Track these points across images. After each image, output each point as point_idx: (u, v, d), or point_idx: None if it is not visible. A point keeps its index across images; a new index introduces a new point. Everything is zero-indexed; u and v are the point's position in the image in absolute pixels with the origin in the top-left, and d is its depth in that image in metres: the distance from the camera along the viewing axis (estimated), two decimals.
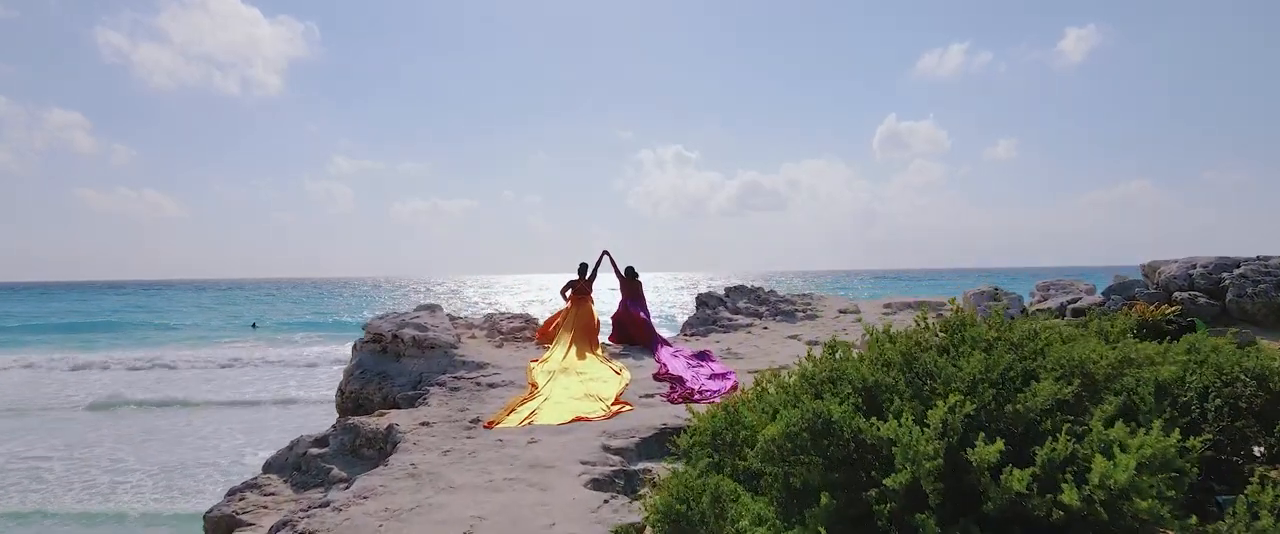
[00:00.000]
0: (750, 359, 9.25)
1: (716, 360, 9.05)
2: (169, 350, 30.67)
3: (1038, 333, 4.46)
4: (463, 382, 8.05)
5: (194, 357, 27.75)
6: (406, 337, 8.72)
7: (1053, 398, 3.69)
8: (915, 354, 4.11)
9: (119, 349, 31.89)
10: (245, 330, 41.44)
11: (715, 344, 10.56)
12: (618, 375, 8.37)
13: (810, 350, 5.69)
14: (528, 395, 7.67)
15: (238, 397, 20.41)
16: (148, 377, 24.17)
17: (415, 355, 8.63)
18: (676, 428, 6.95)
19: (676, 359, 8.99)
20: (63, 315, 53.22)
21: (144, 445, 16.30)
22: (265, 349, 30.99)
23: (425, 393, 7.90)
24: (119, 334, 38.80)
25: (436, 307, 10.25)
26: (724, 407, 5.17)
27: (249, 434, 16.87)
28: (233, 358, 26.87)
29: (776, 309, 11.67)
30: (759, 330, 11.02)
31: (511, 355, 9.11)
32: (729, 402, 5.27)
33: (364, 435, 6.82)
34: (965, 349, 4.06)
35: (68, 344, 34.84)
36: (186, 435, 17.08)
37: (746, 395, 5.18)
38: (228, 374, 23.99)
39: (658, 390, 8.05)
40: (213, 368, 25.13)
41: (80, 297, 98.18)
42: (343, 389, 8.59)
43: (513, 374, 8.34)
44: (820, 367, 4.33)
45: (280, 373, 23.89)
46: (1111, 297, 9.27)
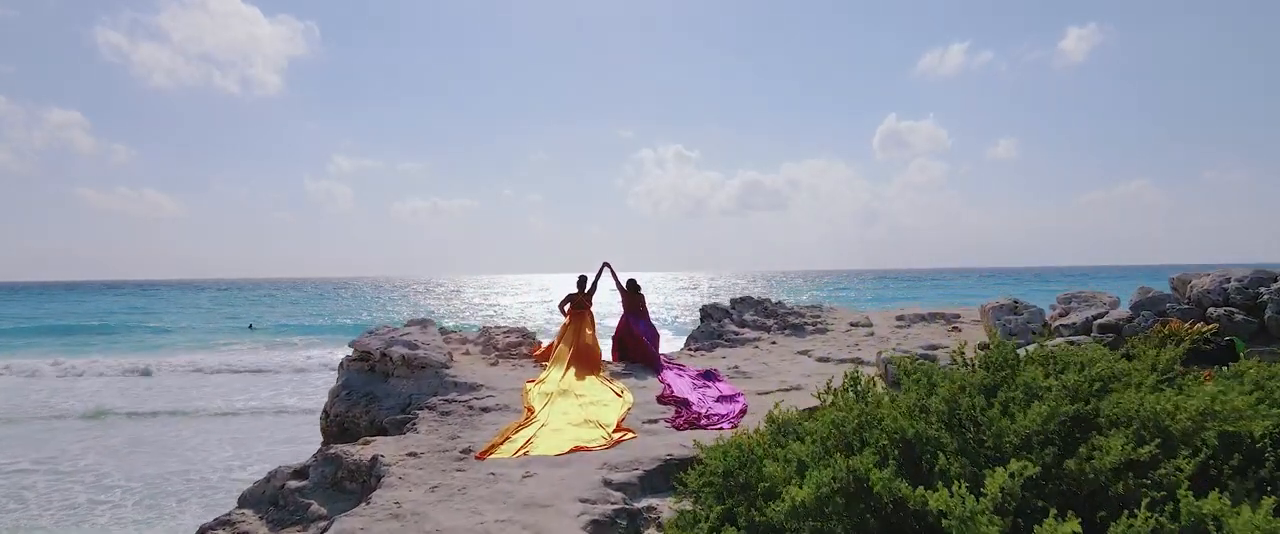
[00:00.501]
0: (759, 378, 8.76)
1: (723, 380, 8.57)
2: (162, 355, 30.18)
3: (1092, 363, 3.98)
4: (454, 405, 7.56)
5: (187, 362, 27.27)
6: (395, 355, 8.23)
7: (1124, 457, 3.20)
8: (958, 398, 3.63)
9: (111, 354, 31.41)
10: (242, 333, 40.96)
11: (721, 360, 10.07)
12: (619, 398, 7.88)
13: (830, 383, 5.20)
14: (523, 421, 7.18)
15: (228, 406, 19.91)
16: (139, 384, 23.68)
17: (404, 376, 8.14)
18: (684, 459, 6.45)
19: (681, 379, 8.51)
20: (57, 317, 52.74)
21: (129, 458, 15.79)
22: (260, 353, 30.50)
23: (414, 417, 7.42)
24: (112, 338, 38.32)
25: (428, 321, 9.75)
26: (737, 445, 4.66)
27: (237, 446, 16.37)
28: (226, 363, 26.39)
29: (785, 322, 11.18)
30: (767, 345, 10.53)
31: (506, 375, 8.62)
32: (742, 439, 4.77)
33: (346, 467, 6.33)
34: (1016, 396, 3.58)
35: (60, 348, 34.37)
36: (174, 447, 16.58)
37: (761, 436, 4.67)
38: (220, 381, 23.51)
39: (662, 415, 7.56)
40: (206, 374, 24.64)
41: (78, 297, 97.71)
42: (328, 411, 8.10)
43: (508, 396, 7.86)
44: (849, 412, 3.84)
45: (274, 380, 23.40)
46: (1141, 313, 8.79)
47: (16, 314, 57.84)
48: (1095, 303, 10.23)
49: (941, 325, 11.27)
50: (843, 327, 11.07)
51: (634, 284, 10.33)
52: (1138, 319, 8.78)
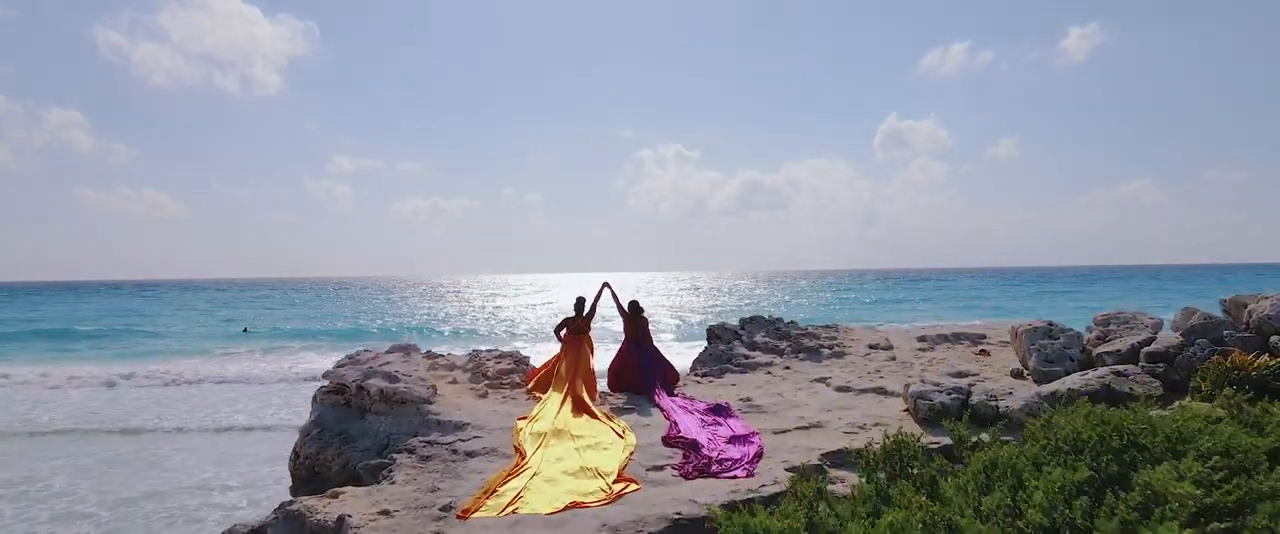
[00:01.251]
0: (775, 413, 7.95)
1: (736, 416, 7.75)
2: (152, 363, 29.43)
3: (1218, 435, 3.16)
4: (436, 448, 6.76)
5: (175, 371, 26.50)
6: (373, 389, 7.44)
7: None
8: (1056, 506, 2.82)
9: (100, 361, 30.64)
10: (235, 338, 40.15)
11: (731, 389, 9.26)
12: (620, 439, 7.07)
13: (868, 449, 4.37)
14: (513, 470, 6.37)
15: (213, 420, 19.12)
16: (124, 395, 22.89)
17: (383, 412, 7.35)
18: (693, 519, 5.66)
19: (689, 415, 7.69)
20: (51, 320, 51.96)
21: (104, 478, 15.00)
22: (252, 361, 29.73)
23: (391, 462, 6.62)
24: (104, 343, 37.53)
25: (412, 347, 8.95)
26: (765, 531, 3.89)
27: (220, 465, 15.58)
28: (215, 373, 25.61)
29: (799, 345, 10.37)
30: (780, 371, 9.72)
31: (496, 410, 7.82)
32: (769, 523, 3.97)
33: (309, 528, 5.54)
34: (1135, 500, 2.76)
35: (49, 354, 33.66)
36: (153, 466, 15.79)
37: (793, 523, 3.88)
38: (207, 392, 22.71)
39: (668, 459, 6.76)
40: (193, 385, 23.86)
41: (76, 298, 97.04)
42: (298, 451, 7.31)
43: (496, 437, 7.06)
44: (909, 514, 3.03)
45: (262, 392, 22.59)
46: (1196, 340, 7.98)
47: (10, 318, 57.10)
48: (1137, 325, 9.41)
49: (967, 347, 10.46)
50: (861, 349, 10.25)
51: (636, 307, 9.52)
52: (1192, 349, 7.96)
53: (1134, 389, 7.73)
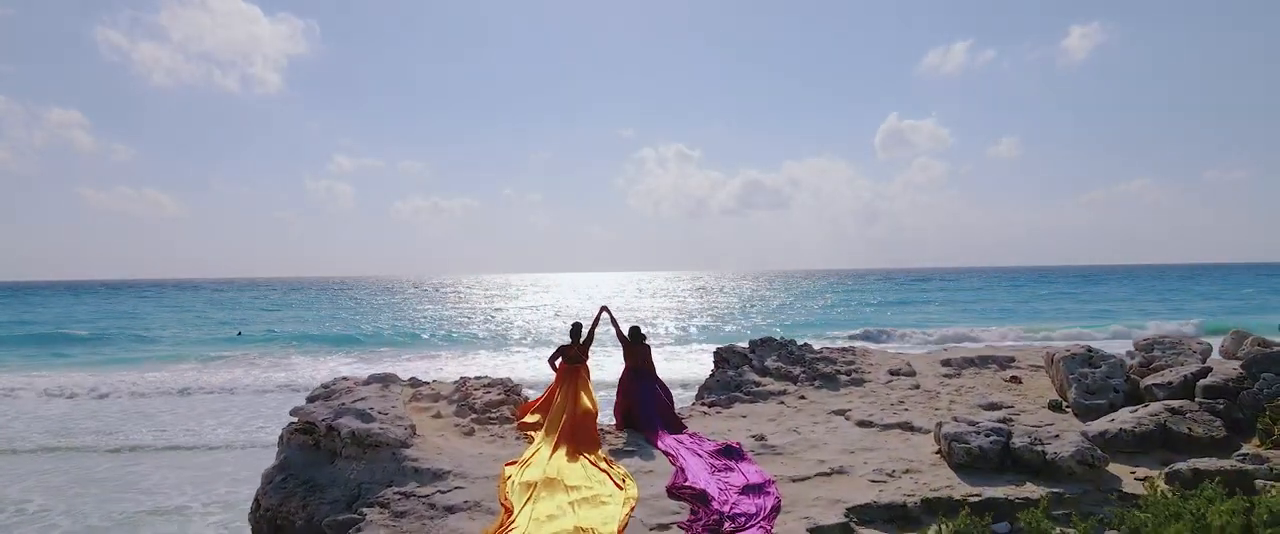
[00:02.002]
0: (791, 455, 7.15)
1: (748, 459, 6.96)
2: (142, 370, 28.68)
3: None
4: (412, 502, 5.98)
5: (165, 379, 25.77)
6: (345, 430, 6.65)
7: None
8: None
9: (89, 367, 29.90)
10: (229, 342, 39.37)
11: (741, 421, 8.46)
12: (620, 490, 6.27)
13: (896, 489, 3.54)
14: (497, 530, 5.59)
15: (197, 435, 18.34)
16: (111, 406, 22.05)
17: (355, 457, 6.56)
18: None
19: (697, 458, 6.89)
20: (43, 324, 51.22)
21: (78, 499, 14.24)
22: (243, 368, 28.94)
23: (361, 519, 5.83)
24: (94, 348, 36.79)
25: (391, 378, 8.16)
26: None
27: (197, 486, 14.79)
28: (203, 382, 24.83)
29: (814, 370, 9.55)
30: (795, 401, 8.92)
31: (482, 453, 7.01)
32: None
33: None
34: None
35: (38, 360, 32.90)
36: (130, 486, 15.01)
37: None
38: (194, 403, 21.87)
39: (674, 515, 5.96)
40: (182, 395, 23.05)
41: (72, 300, 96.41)
42: (259, 501, 6.53)
43: (481, 487, 6.27)
44: None
45: (252, 403, 21.77)
46: (1260, 374, 7.20)
47: (3, 320, 56.40)
48: (1184, 352, 8.62)
49: (995, 372, 9.66)
50: (881, 376, 9.46)
51: (638, 333, 8.70)
52: (1259, 384, 7.16)
53: (1193, 430, 6.95)
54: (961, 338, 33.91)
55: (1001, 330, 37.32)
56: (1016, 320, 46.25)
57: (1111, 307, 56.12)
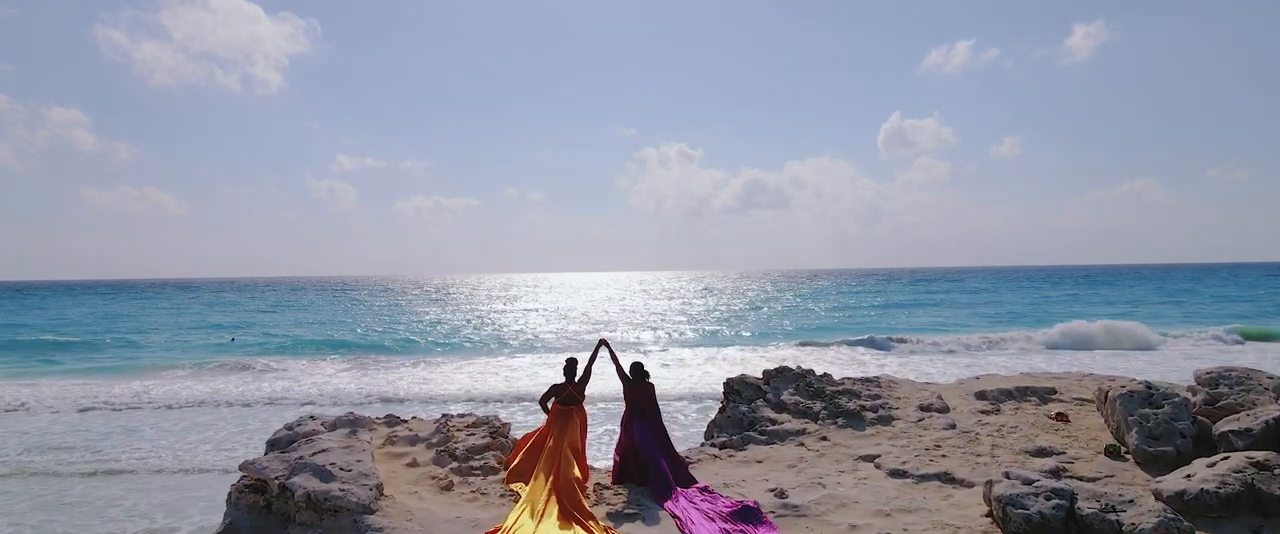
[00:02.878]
0: (818, 517, 6.17)
1: (768, 524, 5.99)
2: (129, 381, 27.81)
3: None
4: None
5: (151, 391, 24.85)
6: (299, 491, 5.70)
7: None
8: None
9: (73, 376, 29.03)
10: (222, 348, 38.48)
11: (756, 467, 7.50)
12: None
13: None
14: None
15: (175, 454, 17.40)
16: (93, 421, 21.04)
17: (310, 523, 5.61)
18: None
19: (710, 523, 5.93)
20: (34, 329, 50.30)
21: (44, 527, 13.41)
22: (233, 378, 28.03)
23: None
24: (83, 355, 35.88)
25: (361, 422, 7.20)
26: None
27: (169, 513, 13.91)
28: (192, 394, 23.90)
29: (836, 406, 8.58)
30: (816, 443, 7.95)
31: (459, 517, 6.03)
32: None
33: None
34: None
35: (22, 368, 32.01)
36: (98, 513, 14.11)
37: None
38: (177, 418, 20.91)
39: None
40: (167, 409, 22.09)
41: (70, 301, 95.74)
42: None
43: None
44: None
45: (239, 416, 20.81)
46: None
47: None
48: (1255, 388, 7.65)
49: (1036, 407, 8.68)
50: (911, 412, 8.47)
51: (640, 370, 7.73)
52: None
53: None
54: (979, 346, 32.74)
55: (1019, 334, 35.63)
56: (1027, 323, 45.10)
57: (1125, 309, 54.97)
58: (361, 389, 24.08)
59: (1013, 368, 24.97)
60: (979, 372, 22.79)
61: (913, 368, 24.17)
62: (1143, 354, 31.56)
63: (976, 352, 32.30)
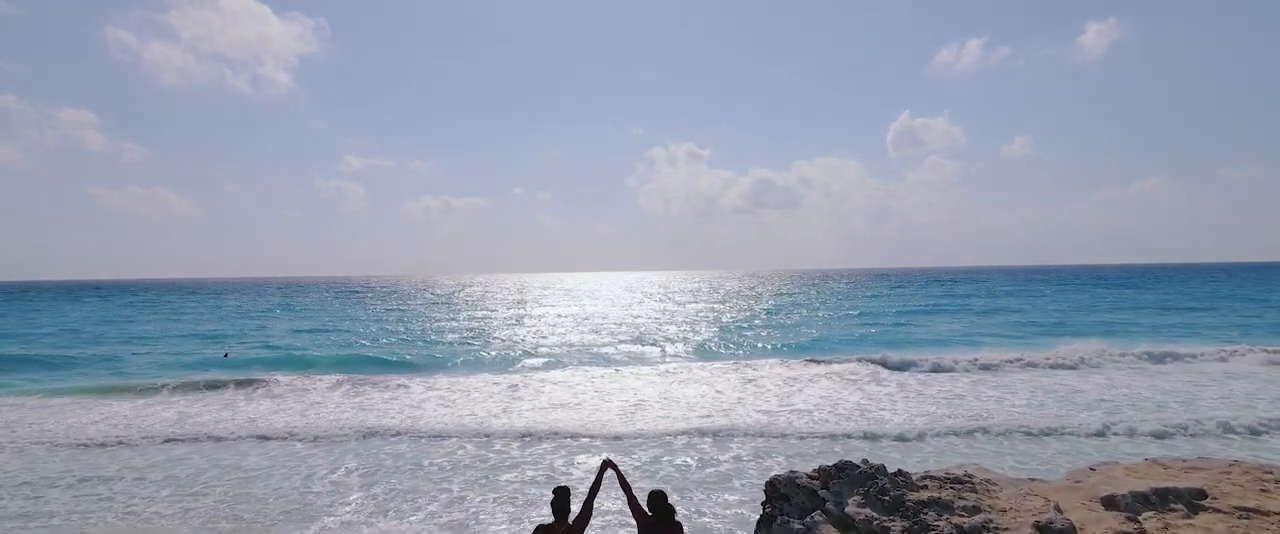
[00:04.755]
0: None
1: None
2: (105, 406, 25.91)
3: None
4: None
5: (122, 421, 22.97)
6: None
7: None
8: None
9: (48, 398, 27.14)
10: (214, 364, 36.63)
11: None
12: None
13: None
14: None
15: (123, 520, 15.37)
16: (50, 462, 18.77)
17: None
18: None
19: None
20: (18, 340, 48.55)
21: None
22: (220, 405, 26.03)
23: None
24: (67, 373, 34.01)
25: None
26: None
27: None
28: (170, 426, 21.94)
29: (921, 524, 6.51)
30: None
31: None
32: None
33: None
34: None
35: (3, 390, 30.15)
36: None
37: None
38: (146, 460, 18.77)
39: None
40: (132, 447, 19.94)
41: (70, 303, 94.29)
42: None
43: None
44: None
45: (216, 454, 18.71)
46: None
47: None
48: None
49: (1184, 519, 6.61)
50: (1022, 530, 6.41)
51: (662, 503, 5.61)
52: None
53: None
54: (1040, 366, 29.97)
55: (1069, 350, 32.23)
56: (1068, 331, 42.69)
57: (1169, 318, 51.91)
58: (356, 419, 22.04)
59: (1087, 398, 22.73)
60: (1056, 412, 20.35)
61: (969, 409, 21.88)
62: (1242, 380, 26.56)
63: (1035, 373, 29.35)
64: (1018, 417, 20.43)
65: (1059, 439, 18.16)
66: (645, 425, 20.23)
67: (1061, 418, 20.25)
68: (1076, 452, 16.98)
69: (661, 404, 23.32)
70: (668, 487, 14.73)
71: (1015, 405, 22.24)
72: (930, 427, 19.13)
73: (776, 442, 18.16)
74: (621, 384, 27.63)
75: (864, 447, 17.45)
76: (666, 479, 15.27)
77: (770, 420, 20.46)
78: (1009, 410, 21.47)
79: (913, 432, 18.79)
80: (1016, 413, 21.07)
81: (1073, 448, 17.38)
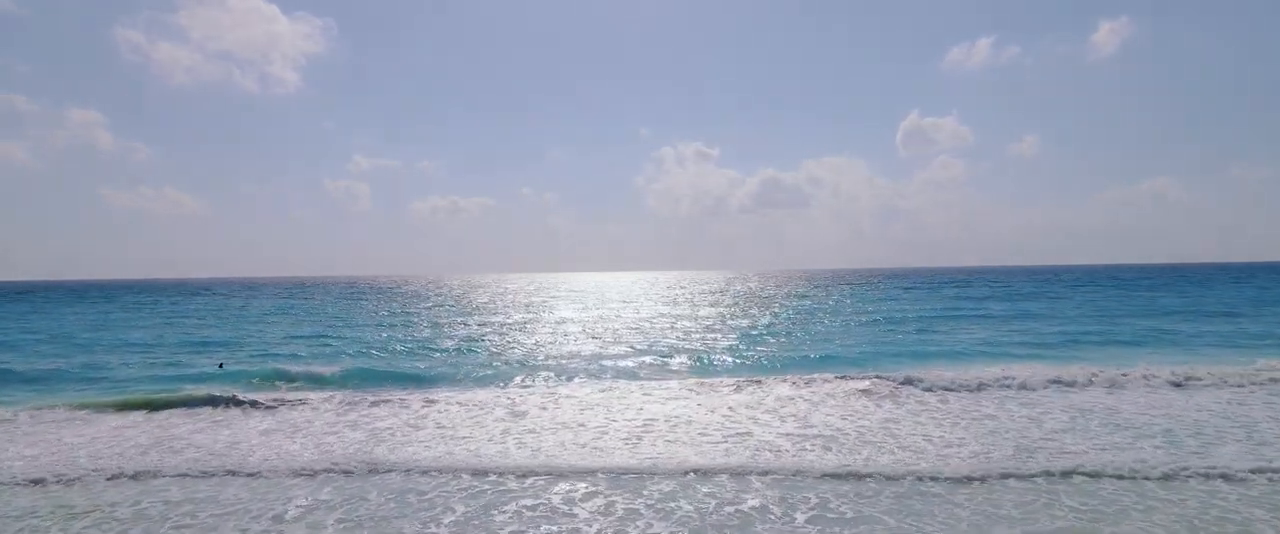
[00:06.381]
0: None
1: None
2: (74, 430, 24.43)
3: None
4: None
5: (91, 448, 21.45)
6: None
7: None
8: None
9: (19, 421, 25.65)
10: (205, 376, 35.12)
11: None
12: None
13: None
14: None
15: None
16: (18, 494, 17.42)
17: None
18: None
19: None
20: (6, 350, 47.25)
21: None
22: (208, 429, 24.53)
23: None
24: (37, 388, 32.48)
25: None
26: None
27: None
28: (143, 458, 20.39)
29: None
30: None
31: None
32: None
33: None
34: None
35: None
36: None
37: None
38: (105, 499, 17.26)
39: None
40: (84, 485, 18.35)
41: (68, 308, 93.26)
42: None
43: None
44: None
45: (177, 501, 17.09)
46: None
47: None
48: None
49: None
50: None
51: None
52: None
53: None
54: (1071, 382, 27.32)
55: (1145, 371, 28.77)
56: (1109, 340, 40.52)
57: (1217, 324, 49.51)
58: (348, 442, 20.39)
59: (1188, 425, 19.09)
60: (1164, 450, 16.40)
61: (1026, 438, 19.39)
62: None
63: (1090, 393, 26.81)
64: (1107, 453, 16.85)
65: (1195, 482, 14.76)
66: (654, 452, 18.60)
67: (1173, 456, 16.48)
68: (1215, 501, 13.77)
69: (671, 426, 21.66)
70: (683, 530, 13.15)
71: (1093, 436, 19.22)
72: (987, 467, 16.15)
73: (803, 480, 16.39)
74: (628, 401, 26.00)
75: (907, 489, 15.56)
76: (683, 521, 13.62)
77: (793, 449, 18.75)
78: (1088, 441, 18.34)
79: (969, 470, 15.97)
80: (1093, 445, 18.01)
81: (1211, 494, 14.11)
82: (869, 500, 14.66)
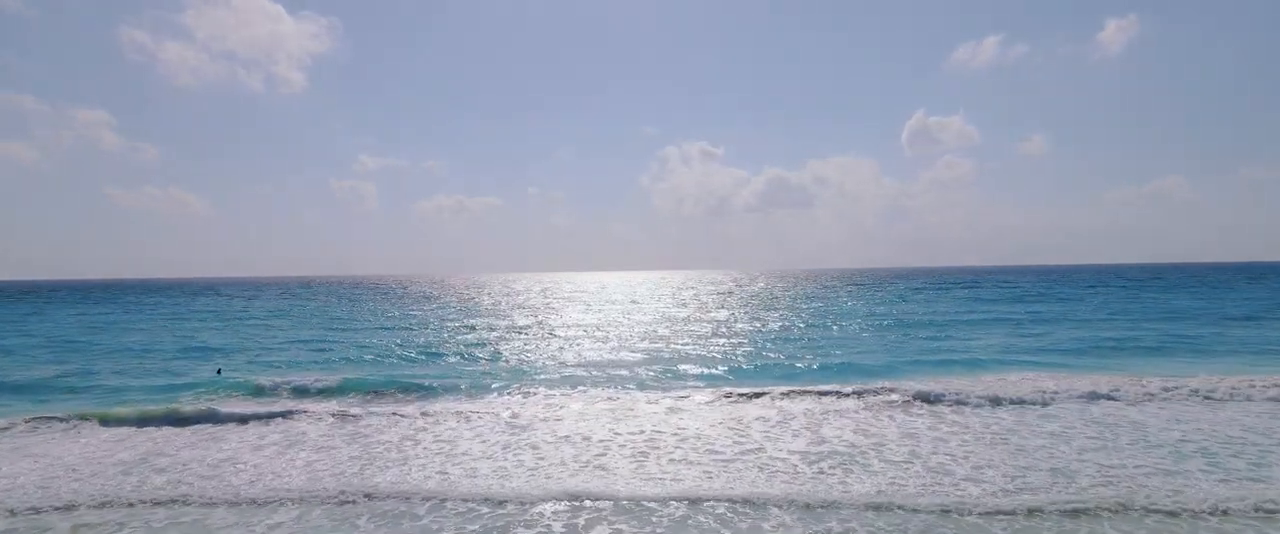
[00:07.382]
0: None
1: None
2: (50, 446, 23.57)
3: None
4: None
5: (69, 464, 20.56)
6: None
7: None
8: None
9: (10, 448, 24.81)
10: (201, 384, 34.22)
11: None
12: None
13: None
14: None
15: None
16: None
17: None
18: None
19: None
20: (6, 355, 46.49)
21: None
22: (202, 443, 23.64)
23: None
24: (33, 396, 31.71)
25: None
26: None
27: None
28: (122, 479, 19.52)
29: None
30: None
31: None
32: None
33: None
34: None
35: None
36: None
37: None
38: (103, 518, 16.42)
39: None
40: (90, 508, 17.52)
41: (68, 309, 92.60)
42: None
43: None
44: None
45: (172, 515, 16.26)
46: None
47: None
48: None
49: None
50: None
51: None
52: None
53: None
54: (1104, 395, 26.08)
55: (1165, 383, 27.11)
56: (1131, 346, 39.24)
57: (1246, 330, 48.19)
58: (342, 460, 19.40)
59: (1248, 447, 17.76)
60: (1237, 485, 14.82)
61: (1061, 459, 18.52)
62: None
63: (1124, 407, 25.53)
64: (1154, 478, 15.76)
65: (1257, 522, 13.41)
66: (661, 475, 17.59)
67: (1226, 483, 15.18)
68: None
69: (678, 444, 20.63)
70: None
71: (1128, 454, 18.02)
72: (1024, 498, 15.38)
73: (823, 511, 15.32)
74: (633, 414, 24.98)
75: (937, 521, 14.48)
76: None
77: (811, 473, 17.70)
78: (1128, 462, 17.10)
79: (1006, 501, 14.98)
80: (1138, 468, 16.74)
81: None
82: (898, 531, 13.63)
